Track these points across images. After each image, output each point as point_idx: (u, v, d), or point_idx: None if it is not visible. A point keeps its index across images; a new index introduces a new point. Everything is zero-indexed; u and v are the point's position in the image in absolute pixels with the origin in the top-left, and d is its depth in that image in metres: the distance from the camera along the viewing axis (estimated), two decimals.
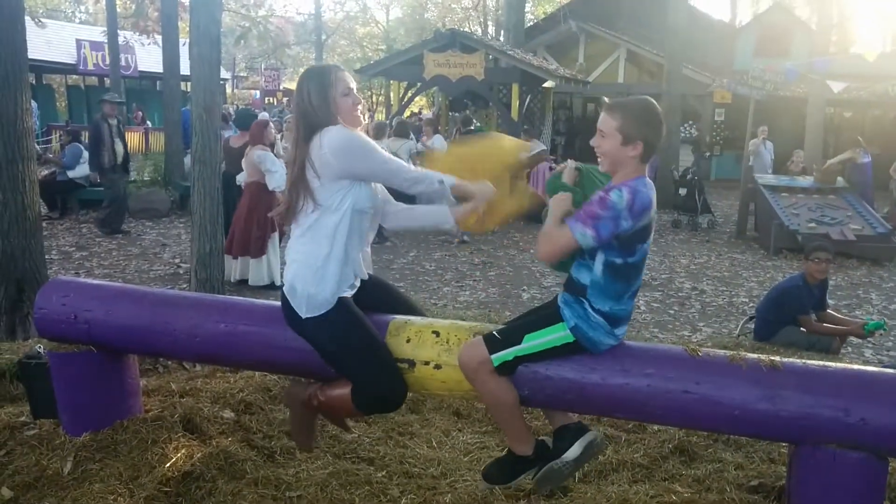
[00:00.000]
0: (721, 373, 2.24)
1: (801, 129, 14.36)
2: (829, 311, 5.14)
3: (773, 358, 2.31)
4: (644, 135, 2.18)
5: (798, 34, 18.43)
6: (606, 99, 2.68)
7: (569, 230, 2.18)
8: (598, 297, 2.24)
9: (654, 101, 2.27)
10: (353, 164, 2.31)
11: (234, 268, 6.60)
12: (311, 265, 2.34)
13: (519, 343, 2.26)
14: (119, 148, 8.83)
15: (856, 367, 2.36)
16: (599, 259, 2.22)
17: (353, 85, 2.42)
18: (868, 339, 5.26)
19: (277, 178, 6.40)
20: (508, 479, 2.42)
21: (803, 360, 2.34)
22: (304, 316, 2.35)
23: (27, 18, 5.09)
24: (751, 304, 6.58)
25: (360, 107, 2.42)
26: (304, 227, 2.37)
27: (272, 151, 6.55)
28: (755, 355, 2.34)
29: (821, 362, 2.34)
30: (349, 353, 2.35)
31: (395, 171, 2.38)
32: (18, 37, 4.75)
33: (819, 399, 2.14)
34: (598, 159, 2.28)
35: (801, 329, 4.91)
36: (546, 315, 2.32)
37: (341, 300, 2.36)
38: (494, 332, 2.31)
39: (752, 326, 5.29)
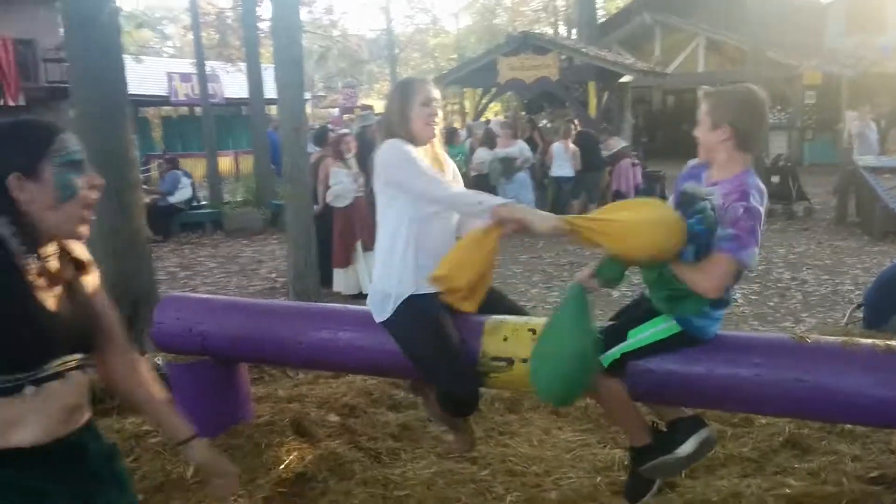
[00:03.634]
0: (834, 359, 2.17)
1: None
2: None
3: (888, 342, 2.21)
4: (732, 119, 2.11)
5: (892, 7, 17.39)
6: (706, 87, 2.54)
7: (728, 256, 2.04)
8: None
9: (755, 89, 2.19)
10: (392, 174, 2.42)
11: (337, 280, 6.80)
12: (383, 262, 2.49)
13: (624, 339, 2.24)
14: None
15: None
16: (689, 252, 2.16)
17: (436, 96, 2.49)
18: None
19: (330, 192, 6.55)
20: (649, 485, 2.35)
21: None
22: (378, 319, 2.47)
23: (125, 56, 5.43)
24: (857, 293, 6.25)
25: (435, 118, 2.48)
26: (379, 225, 2.52)
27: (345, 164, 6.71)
28: (869, 340, 2.25)
29: None
30: (418, 350, 2.43)
31: (429, 187, 2.39)
32: (119, 75, 5.10)
33: None
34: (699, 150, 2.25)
35: None
36: (647, 309, 2.29)
37: (415, 298, 2.43)
38: (598, 334, 2.28)
39: (861, 315, 5.02)
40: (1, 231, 1.38)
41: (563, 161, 9.98)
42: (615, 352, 2.23)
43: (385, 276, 2.47)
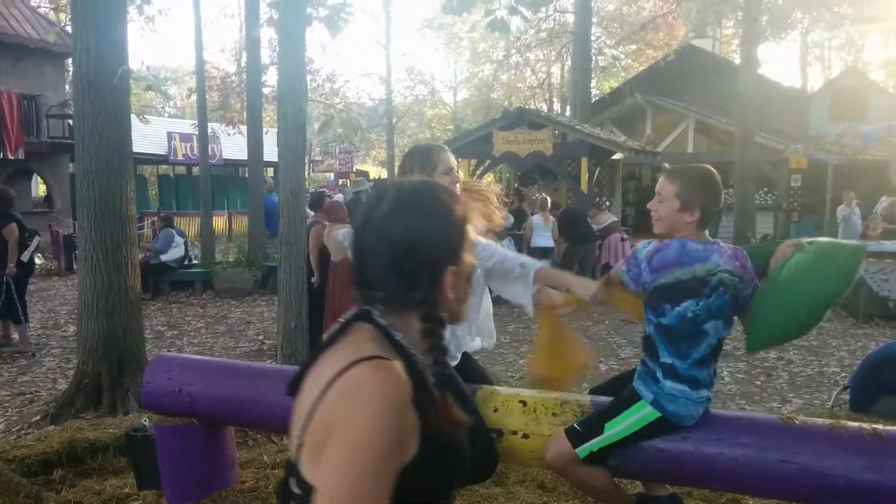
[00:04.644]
0: (821, 442, 2.18)
1: (885, 193, 13.90)
2: None
3: (874, 426, 2.24)
4: (703, 202, 2.20)
5: (874, 97, 18.09)
6: (667, 165, 2.63)
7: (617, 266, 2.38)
8: (663, 350, 2.24)
9: (714, 171, 2.28)
10: None
11: None
12: None
13: (601, 433, 2.24)
14: None
15: None
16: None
17: (454, 165, 2.56)
18: None
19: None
20: None
21: None
22: None
23: (132, 116, 5.57)
24: (843, 375, 6.28)
25: (458, 185, 2.55)
26: None
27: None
28: (856, 424, 2.28)
29: None
30: None
31: (478, 255, 2.47)
32: (124, 133, 5.21)
33: None
34: (653, 222, 2.31)
35: None
36: (624, 397, 2.31)
37: None
38: (575, 426, 2.29)
39: (847, 397, 5.04)
40: (408, 348, 1.05)
41: (544, 232, 10.45)
42: (593, 444, 2.24)
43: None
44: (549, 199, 11.15)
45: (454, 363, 2.52)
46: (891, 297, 8.49)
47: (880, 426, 2.24)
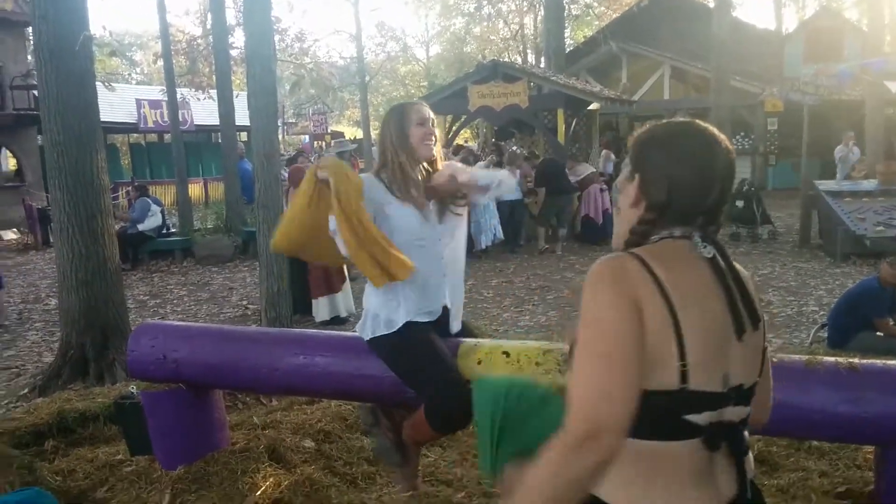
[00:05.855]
0: (798, 377, 2.23)
1: (862, 133, 13.97)
2: None
3: (850, 360, 2.29)
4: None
5: (849, 36, 18.06)
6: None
7: None
8: None
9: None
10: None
11: (316, 309, 6.70)
12: (373, 288, 2.49)
13: None
14: None
15: None
16: None
17: (430, 116, 2.53)
18: None
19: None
20: None
21: (883, 361, 2.32)
22: (366, 337, 2.51)
23: (98, 84, 5.43)
24: (822, 313, 6.41)
25: (432, 137, 2.51)
26: None
27: None
28: (832, 358, 2.33)
29: None
30: (414, 371, 2.44)
31: None
32: (91, 102, 5.09)
33: None
34: None
35: (878, 333, 4.77)
36: None
37: (409, 325, 2.46)
38: None
39: (825, 335, 5.16)
40: None
41: None
42: None
43: (378, 301, 2.50)
44: (518, 152, 11.12)
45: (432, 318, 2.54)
46: (867, 235, 8.63)
47: (856, 360, 2.29)
